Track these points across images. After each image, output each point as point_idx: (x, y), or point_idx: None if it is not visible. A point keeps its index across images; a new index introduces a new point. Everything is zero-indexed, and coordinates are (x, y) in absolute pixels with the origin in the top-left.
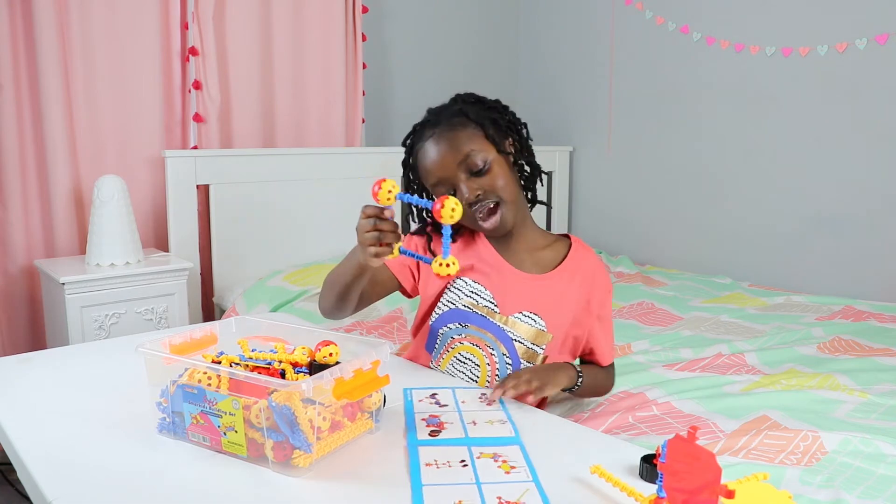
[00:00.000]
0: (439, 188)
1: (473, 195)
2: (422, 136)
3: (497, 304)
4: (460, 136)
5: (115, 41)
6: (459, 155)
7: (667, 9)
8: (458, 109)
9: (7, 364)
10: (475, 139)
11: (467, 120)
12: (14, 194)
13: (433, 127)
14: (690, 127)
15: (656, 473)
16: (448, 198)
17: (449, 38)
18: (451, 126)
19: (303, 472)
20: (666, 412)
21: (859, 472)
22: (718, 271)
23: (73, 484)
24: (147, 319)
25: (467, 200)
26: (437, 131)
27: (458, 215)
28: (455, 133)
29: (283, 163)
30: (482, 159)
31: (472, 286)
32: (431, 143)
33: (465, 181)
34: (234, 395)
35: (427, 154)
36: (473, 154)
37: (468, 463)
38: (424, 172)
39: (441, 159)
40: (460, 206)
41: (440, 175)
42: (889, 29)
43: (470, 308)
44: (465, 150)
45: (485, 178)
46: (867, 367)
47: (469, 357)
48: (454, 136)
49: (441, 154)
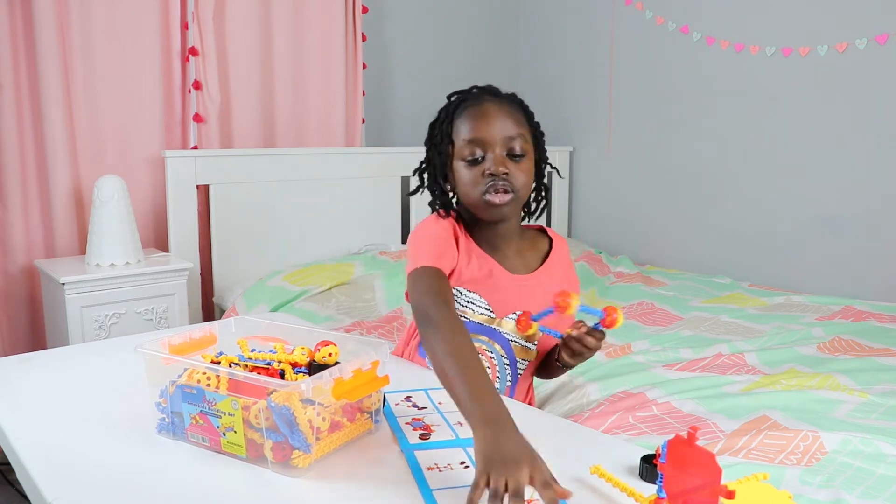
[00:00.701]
0: (472, 147)
1: (499, 170)
2: (478, 98)
3: (493, 311)
4: (517, 118)
5: (115, 41)
6: (511, 131)
7: (667, 9)
8: (519, 101)
9: (7, 364)
10: (526, 130)
11: (524, 115)
12: (14, 194)
13: (494, 96)
14: (690, 127)
15: (656, 473)
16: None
17: (449, 38)
18: (511, 106)
19: (302, 473)
20: (666, 412)
21: (859, 472)
22: (718, 271)
23: (72, 484)
24: (147, 319)
25: (490, 171)
26: (499, 101)
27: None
28: (513, 112)
29: (283, 163)
30: (522, 150)
31: (467, 296)
32: (491, 106)
33: (498, 154)
34: (233, 395)
35: (481, 113)
36: (520, 139)
37: (469, 465)
38: (466, 127)
39: (494, 123)
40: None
41: (483, 136)
42: (889, 29)
43: (465, 317)
44: (517, 131)
45: (516, 164)
46: (867, 367)
47: None
48: (511, 114)
49: (497, 119)
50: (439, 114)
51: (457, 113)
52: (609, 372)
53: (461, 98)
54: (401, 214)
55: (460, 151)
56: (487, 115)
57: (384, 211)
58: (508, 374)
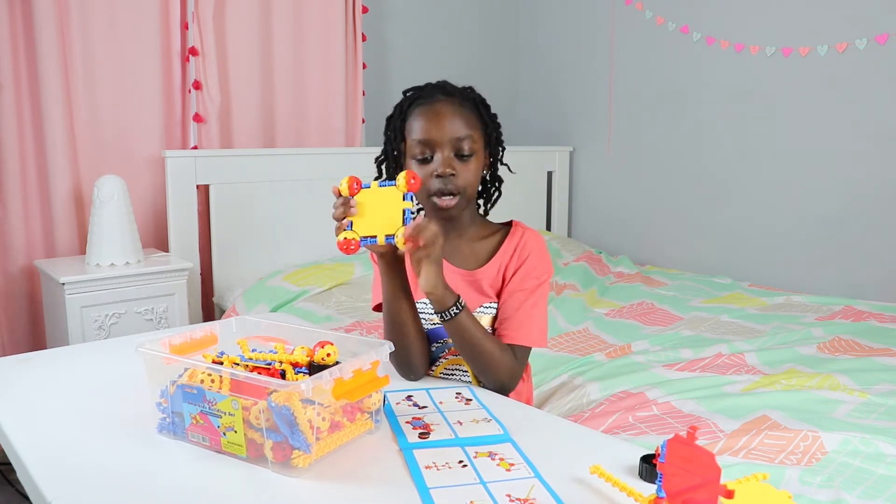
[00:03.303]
0: (421, 147)
1: (445, 170)
2: (431, 95)
3: None
4: (466, 119)
5: (115, 41)
6: (459, 132)
7: (667, 9)
8: (472, 98)
9: (7, 364)
10: (476, 130)
11: (478, 111)
12: (14, 194)
13: (447, 95)
14: (690, 127)
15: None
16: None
17: (449, 38)
18: (463, 104)
19: (302, 473)
20: (666, 412)
21: (859, 472)
22: (718, 271)
23: (72, 484)
24: (147, 319)
25: (438, 173)
26: (450, 100)
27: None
28: (464, 112)
29: (283, 163)
30: (470, 150)
31: (431, 307)
32: (441, 106)
33: (446, 154)
34: (233, 395)
35: (431, 113)
36: (469, 140)
37: (467, 463)
38: (417, 127)
39: (441, 125)
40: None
41: (432, 136)
42: (889, 29)
43: (438, 324)
44: (466, 132)
45: (463, 165)
46: (867, 367)
47: (456, 367)
48: (462, 114)
49: (444, 121)
50: (394, 110)
51: (409, 110)
52: (609, 372)
53: (414, 95)
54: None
55: (411, 150)
56: (437, 116)
57: None
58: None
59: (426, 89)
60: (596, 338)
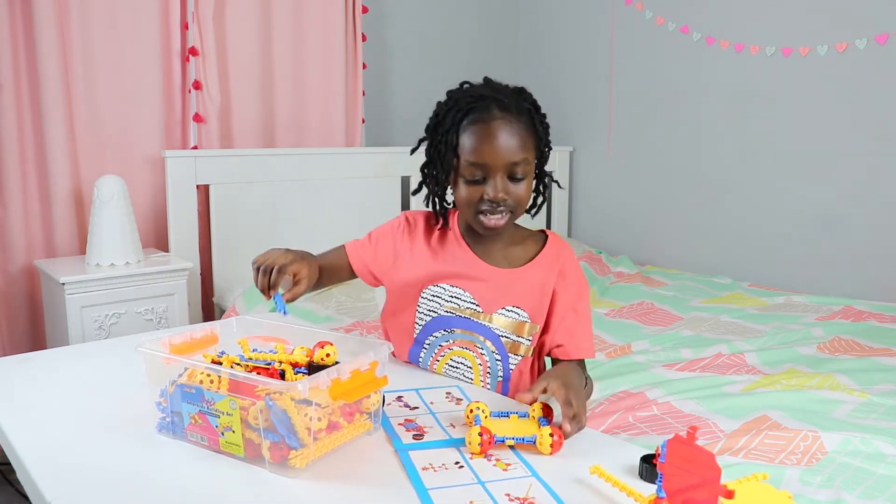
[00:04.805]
0: (473, 169)
1: (500, 197)
2: (487, 111)
3: (479, 305)
4: (522, 138)
5: (115, 41)
6: (514, 156)
7: (667, 9)
8: (527, 108)
9: (7, 364)
10: (530, 149)
11: (531, 124)
12: (14, 194)
13: (503, 110)
14: (690, 127)
15: (656, 473)
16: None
17: (449, 38)
18: (519, 121)
19: (299, 473)
20: (666, 412)
21: (859, 472)
22: (718, 271)
23: (72, 484)
24: (147, 319)
25: (490, 198)
26: (507, 118)
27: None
28: (520, 132)
29: (283, 163)
30: (524, 172)
31: (451, 291)
32: (496, 127)
33: (500, 180)
34: (231, 395)
35: (486, 134)
36: (523, 164)
37: (463, 464)
38: (470, 147)
39: (496, 149)
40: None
41: (486, 161)
42: (889, 29)
43: (452, 313)
44: (521, 156)
45: (516, 186)
46: (867, 367)
47: (461, 361)
48: (518, 135)
49: (501, 145)
50: (443, 117)
51: (463, 125)
52: (609, 372)
53: (469, 106)
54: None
55: (463, 169)
56: (492, 137)
57: (384, 211)
58: (500, 369)
59: (480, 100)
60: (596, 338)
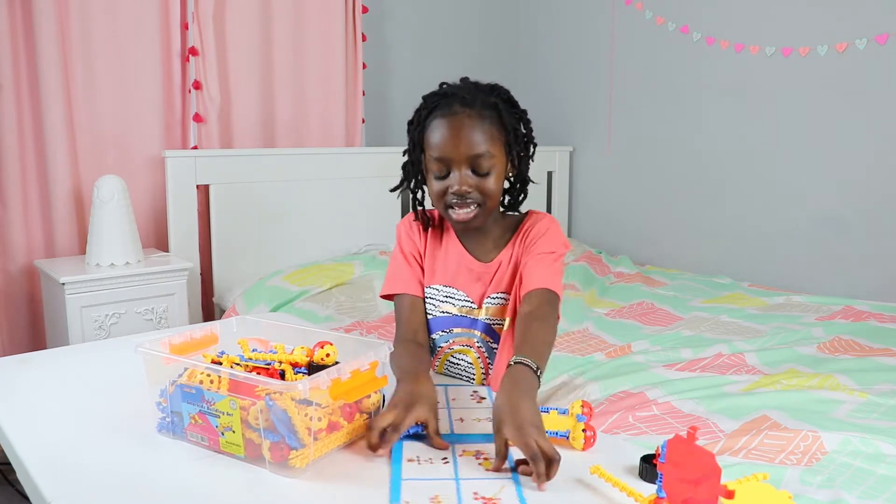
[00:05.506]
0: (438, 164)
1: (463, 189)
2: (449, 108)
3: (472, 300)
4: (485, 132)
5: (115, 41)
6: (475, 150)
7: (667, 9)
8: (493, 103)
9: (7, 364)
10: (495, 143)
11: (498, 119)
12: (14, 194)
13: (464, 106)
14: (690, 127)
15: (656, 473)
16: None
17: (449, 38)
18: (481, 116)
19: (299, 473)
20: (666, 412)
21: (859, 472)
22: (718, 271)
23: (72, 484)
24: (147, 319)
25: (454, 191)
26: (468, 113)
27: None
28: (483, 126)
29: (283, 163)
30: (489, 165)
31: (444, 291)
32: (456, 121)
33: (463, 173)
34: (231, 395)
35: (446, 129)
36: (486, 157)
37: (450, 460)
38: (433, 143)
39: (456, 143)
40: None
41: (447, 155)
42: (889, 29)
43: (448, 313)
44: (482, 149)
45: (481, 180)
46: (867, 367)
47: (461, 358)
48: (480, 129)
49: (460, 139)
50: (413, 116)
51: (428, 120)
52: (609, 372)
53: (433, 104)
54: (401, 214)
55: (429, 164)
56: (453, 131)
57: (384, 211)
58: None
59: (445, 97)
60: (596, 338)
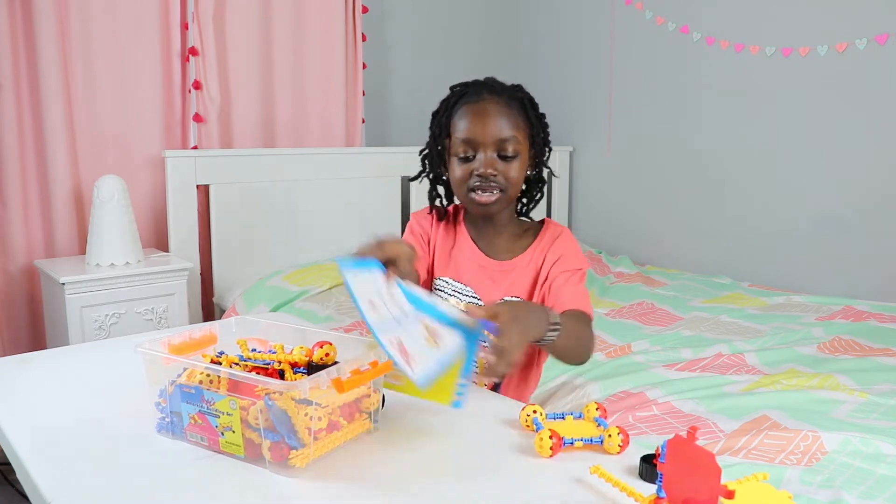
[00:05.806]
0: (464, 146)
1: (488, 172)
2: (478, 94)
3: (479, 297)
4: (512, 120)
5: (115, 41)
6: (503, 133)
7: (667, 9)
8: (519, 98)
9: (7, 364)
10: (521, 131)
11: (523, 112)
12: (14, 194)
13: (493, 94)
14: (690, 127)
15: (656, 473)
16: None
17: (449, 38)
18: (509, 104)
19: (300, 473)
20: (666, 412)
21: (859, 472)
22: (718, 271)
23: (72, 484)
24: (147, 319)
25: (479, 172)
26: (497, 100)
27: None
28: (511, 112)
29: (283, 163)
30: (514, 151)
31: (453, 285)
32: (485, 105)
33: (489, 155)
34: (231, 395)
35: (475, 113)
36: (513, 141)
37: None
38: (461, 126)
39: (485, 125)
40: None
41: (474, 137)
42: (889, 29)
43: (455, 307)
44: (510, 133)
45: (506, 165)
46: (867, 367)
47: None
48: (508, 114)
49: (489, 121)
50: (440, 105)
51: (455, 108)
52: (609, 372)
53: (462, 92)
54: (401, 214)
55: (454, 148)
56: (482, 115)
57: (384, 211)
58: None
59: (473, 86)
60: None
